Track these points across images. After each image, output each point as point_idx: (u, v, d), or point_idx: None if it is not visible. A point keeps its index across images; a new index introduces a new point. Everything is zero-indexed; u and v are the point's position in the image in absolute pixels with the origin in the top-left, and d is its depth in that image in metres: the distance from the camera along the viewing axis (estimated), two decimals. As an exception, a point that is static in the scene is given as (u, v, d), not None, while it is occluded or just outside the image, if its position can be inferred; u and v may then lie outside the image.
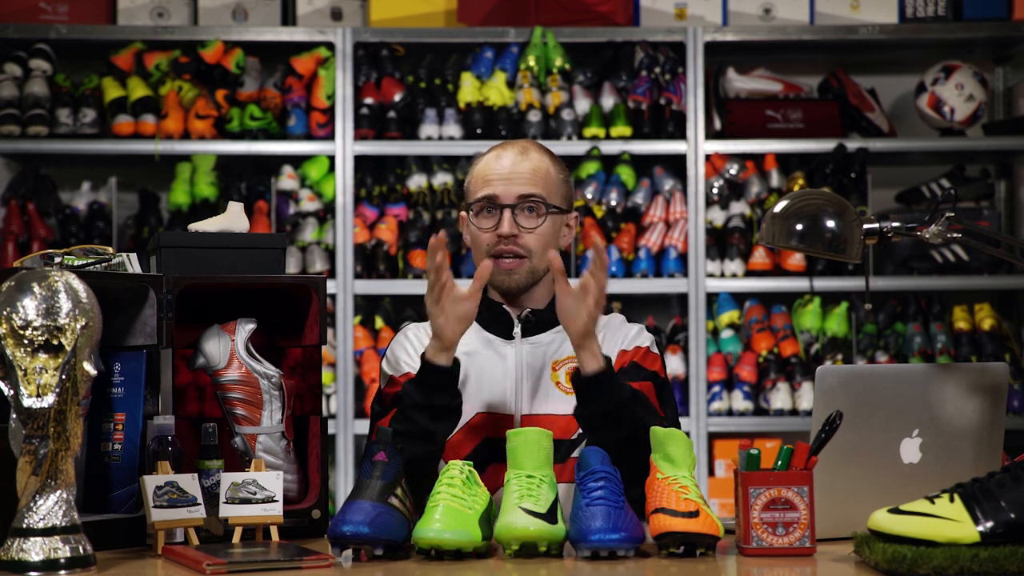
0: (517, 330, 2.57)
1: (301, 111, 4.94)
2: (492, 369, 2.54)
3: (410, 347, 2.58)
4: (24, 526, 1.95)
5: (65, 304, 1.95)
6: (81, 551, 1.97)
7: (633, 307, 5.14)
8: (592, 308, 2.34)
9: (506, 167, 2.54)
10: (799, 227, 2.28)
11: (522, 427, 2.46)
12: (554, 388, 2.53)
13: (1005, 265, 4.98)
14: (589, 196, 4.95)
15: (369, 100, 4.95)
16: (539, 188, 2.53)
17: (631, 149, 4.95)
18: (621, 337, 2.59)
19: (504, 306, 2.58)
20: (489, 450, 2.47)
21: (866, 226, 2.29)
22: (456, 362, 2.38)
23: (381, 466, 2.10)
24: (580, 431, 2.48)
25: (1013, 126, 5.13)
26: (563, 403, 2.51)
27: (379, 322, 4.95)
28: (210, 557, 1.99)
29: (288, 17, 5.14)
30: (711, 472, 4.91)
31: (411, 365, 2.54)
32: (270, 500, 2.18)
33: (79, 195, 5.08)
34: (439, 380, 2.37)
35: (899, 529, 1.96)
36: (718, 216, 5.00)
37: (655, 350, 2.60)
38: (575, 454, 2.47)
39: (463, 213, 2.60)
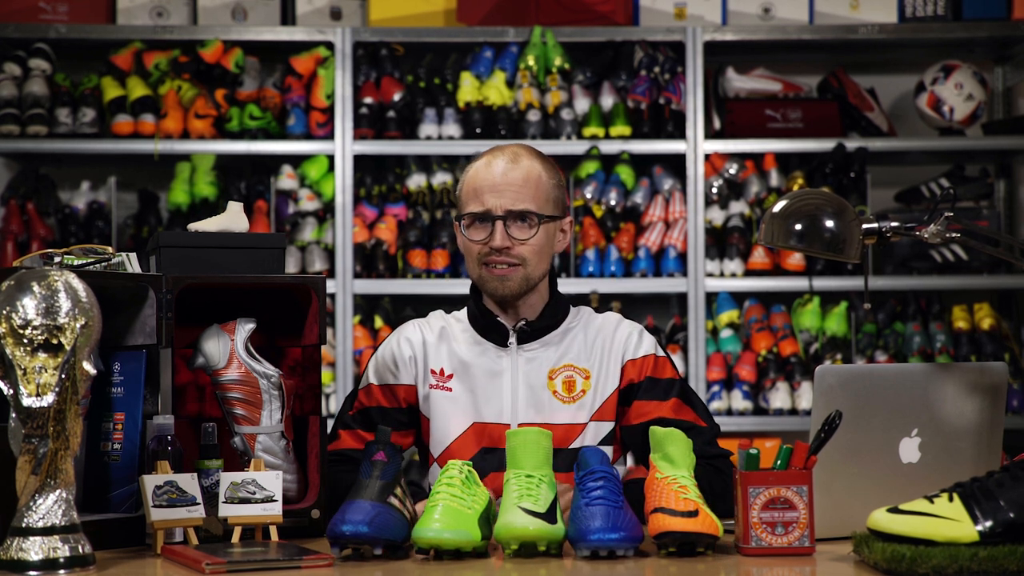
0: (512, 340, 2.56)
1: (300, 111, 4.94)
2: (487, 380, 2.55)
3: (399, 355, 2.61)
4: (23, 525, 1.95)
5: (65, 303, 1.95)
6: (80, 550, 1.97)
7: (633, 307, 5.14)
8: None
9: (496, 177, 2.50)
10: (798, 227, 2.28)
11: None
12: (551, 397, 2.54)
13: (1004, 265, 4.98)
14: (588, 196, 4.96)
15: (368, 100, 4.95)
16: (530, 199, 2.51)
17: (630, 149, 4.95)
18: (621, 345, 2.58)
19: (498, 318, 2.57)
20: (487, 459, 2.48)
21: (865, 226, 2.29)
22: None
23: (380, 466, 2.10)
24: (580, 442, 2.50)
25: (1013, 126, 5.13)
26: (560, 412, 2.52)
27: (378, 321, 4.95)
28: (209, 557, 1.99)
29: (287, 17, 5.14)
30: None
31: (379, 380, 2.59)
32: (269, 500, 2.17)
33: (78, 195, 5.08)
34: None
35: (898, 528, 1.96)
36: (717, 216, 5.00)
37: (661, 353, 2.59)
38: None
39: (456, 223, 2.58)
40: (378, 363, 2.62)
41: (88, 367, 1.96)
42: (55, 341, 1.94)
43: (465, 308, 2.64)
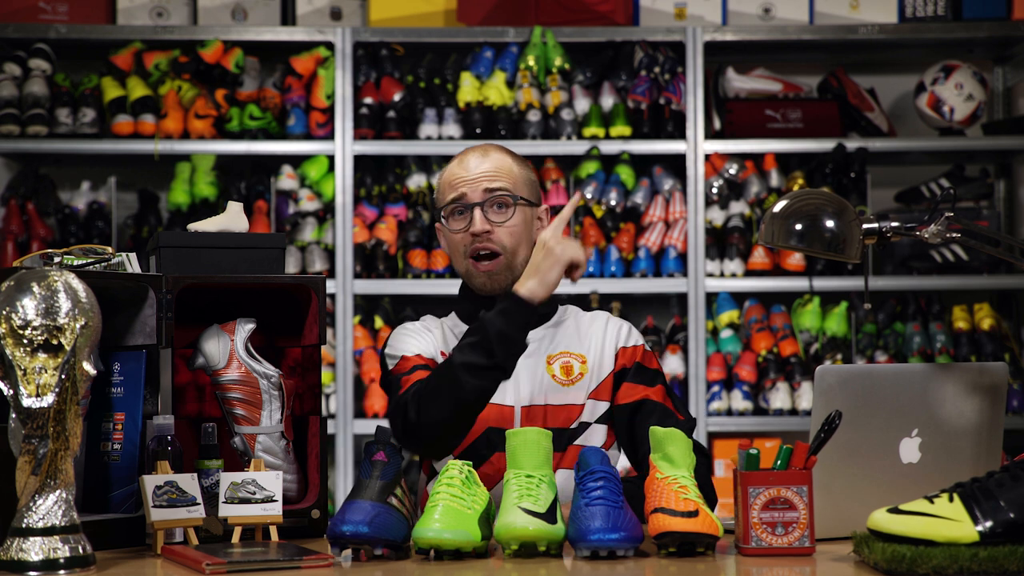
0: None
1: (300, 111, 4.94)
2: None
3: (415, 334, 2.60)
4: (23, 526, 1.95)
5: (64, 304, 1.95)
6: (80, 551, 1.97)
7: (632, 307, 5.14)
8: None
9: (469, 168, 2.59)
10: (798, 227, 2.28)
11: (522, 419, 2.52)
12: (550, 380, 2.57)
13: (1004, 265, 4.98)
14: (589, 196, 4.95)
15: (368, 100, 4.95)
16: (503, 181, 2.58)
17: (631, 149, 4.95)
18: (614, 335, 2.63)
19: None
20: (493, 439, 2.50)
21: (865, 226, 2.29)
22: None
23: (381, 466, 2.10)
24: (579, 421, 2.54)
25: (1012, 126, 5.13)
26: (560, 394, 2.56)
27: (378, 322, 4.95)
28: (209, 557, 1.99)
29: (287, 17, 5.14)
30: (710, 472, 4.90)
31: (420, 348, 2.57)
32: (269, 500, 2.18)
33: (78, 195, 5.08)
34: (528, 319, 2.42)
35: (898, 529, 1.96)
36: (718, 216, 5.00)
37: (649, 348, 2.66)
38: (577, 441, 2.53)
39: (438, 224, 2.63)
40: (394, 347, 2.59)
41: (88, 367, 1.96)
42: (55, 341, 1.94)
43: (452, 312, 2.67)
